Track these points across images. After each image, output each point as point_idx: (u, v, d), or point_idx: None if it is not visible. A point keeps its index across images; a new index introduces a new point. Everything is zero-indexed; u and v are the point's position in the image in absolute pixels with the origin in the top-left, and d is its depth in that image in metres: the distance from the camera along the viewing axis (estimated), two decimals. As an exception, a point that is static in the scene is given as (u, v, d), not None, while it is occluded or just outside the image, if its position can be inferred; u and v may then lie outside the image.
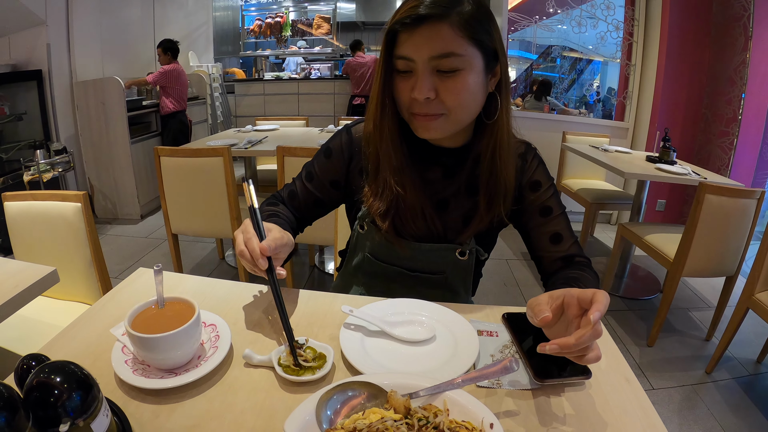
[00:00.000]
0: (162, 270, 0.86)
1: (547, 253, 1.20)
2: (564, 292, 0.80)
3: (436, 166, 1.17)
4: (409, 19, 0.94)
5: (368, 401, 0.71)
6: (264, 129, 4.24)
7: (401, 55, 0.98)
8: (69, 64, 4.66)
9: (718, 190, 2.53)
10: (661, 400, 2.39)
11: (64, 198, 1.80)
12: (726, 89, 4.27)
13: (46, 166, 3.93)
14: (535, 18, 5.12)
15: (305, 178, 1.28)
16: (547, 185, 1.20)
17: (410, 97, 1.01)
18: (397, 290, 1.24)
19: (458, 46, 0.95)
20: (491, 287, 3.55)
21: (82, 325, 0.96)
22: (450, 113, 1.02)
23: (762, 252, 2.32)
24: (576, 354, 0.74)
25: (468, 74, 0.98)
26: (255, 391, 0.80)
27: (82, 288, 1.90)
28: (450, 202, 1.18)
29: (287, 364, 0.83)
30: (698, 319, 3.21)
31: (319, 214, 1.32)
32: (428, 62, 0.96)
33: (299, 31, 8.43)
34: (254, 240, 0.93)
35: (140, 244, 4.26)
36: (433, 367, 0.87)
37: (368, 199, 1.17)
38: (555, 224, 1.19)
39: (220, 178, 2.77)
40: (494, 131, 1.09)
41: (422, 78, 0.97)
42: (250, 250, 0.92)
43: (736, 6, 4.11)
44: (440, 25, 0.94)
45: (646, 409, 0.80)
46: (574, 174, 4.49)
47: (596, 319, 0.71)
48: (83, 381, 0.59)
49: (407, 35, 0.96)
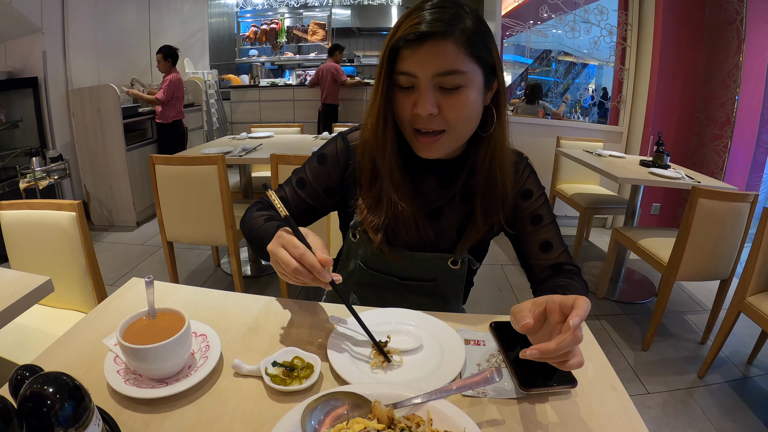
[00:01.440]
0: (153, 281, 0.87)
1: (536, 261, 1.20)
2: (546, 299, 0.80)
3: (431, 176, 1.17)
4: (413, 35, 0.94)
5: (352, 411, 0.71)
6: (259, 136, 4.26)
7: (404, 71, 0.98)
8: (65, 71, 4.67)
9: (711, 194, 2.55)
10: (657, 404, 2.40)
11: (59, 207, 1.81)
12: (719, 92, 4.30)
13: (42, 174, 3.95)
14: (528, 23, 5.13)
15: (296, 185, 1.24)
16: (538, 194, 1.21)
17: (412, 112, 1.00)
18: (388, 298, 1.24)
19: (461, 63, 0.96)
20: (486, 293, 3.56)
21: (75, 335, 0.97)
22: (450, 129, 1.02)
23: (753, 255, 2.33)
24: (557, 359, 0.74)
25: (469, 90, 0.99)
26: (244, 401, 0.81)
27: (78, 296, 1.91)
28: (444, 211, 1.19)
29: (276, 374, 0.84)
30: (693, 322, 3.22)
31: (307, 222, 1.29)
32: (432, 79, 0.96)
33: (294, 38, 8.44)
34: (309, 254, 0.86)
35: (136, 251, 4.26)
36: (419, 376, 0.88)
37: (362, 212, 1.17)
38: (545, 232, 1.19)
39: (214, 186, 2.78)
40: (491, 143, 1.09)
41: (425, 94, 0.97)
42: (309, 266, 0.86)
43: (728, 10, 4.14)
44: (444, 42, 0.94)
45: (633, 418, 0.80)
46: (569, 179, 4.50)
47: (575, 324, 0.72)
48: (75, 391, 0.60)
49: (411, 51, 0.96)
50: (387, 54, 0.99)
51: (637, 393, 2.47)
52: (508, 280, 3.80)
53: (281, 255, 0.88)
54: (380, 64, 1.01)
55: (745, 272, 2.38)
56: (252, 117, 7.63)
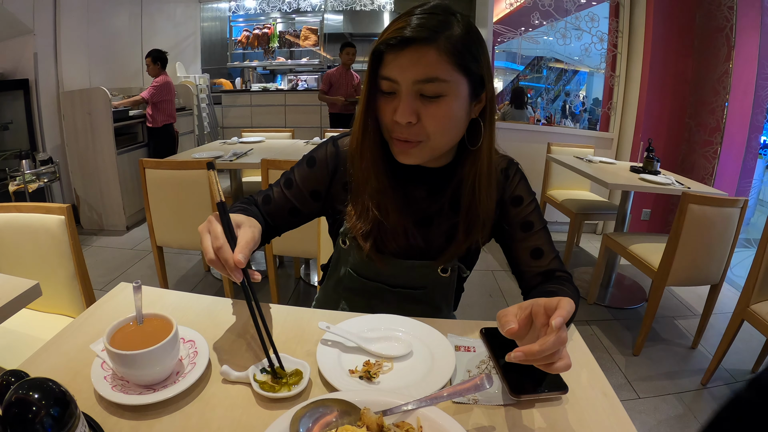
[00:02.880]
0: (141, 286, 0.87)
1: (527, 268, 1.20)
2: (532, 302, 0.80)
3: (420, 185, 1.16)
4: (394, 40, 0.92)
5: (341, 418, 0.71)
6: (250, 141, 4.25)
7: (385, 76, 0.96)
8: (56, 73, 4.66)
9: (701, 200, 2.56)
10: (648, 409, 2.40)
11: (48, 210, 1.79)
12: (709, 99, 4.33)
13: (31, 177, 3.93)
14: (520, 30, 5.16)
15: (284, 185, 1.23)
16: (528, 200, 1.20)
17: (392, 119, 0.99)
18: (378, 305, 1.23)
19: (443, 71, 0.93)
20: (476, 299, 3.56)
21: (62, 340, 0.96)
22: (430, 139, 1.00)
23: (756, 263, 2.33)
24: (543, 362, 0.74)
25: (452, 100, 0.96)
26: (232, 408, 0.80)
27: (66, 301, 1.89)
28: (434, 219, 1.17)
29: (264, 380, 0.84)
30: (684, 327, 3.23)
31: (291, 225, 1.26)
32: (412, 86, 0.94)
33: (287, 43, 8.43)
34: (225, 248, 0.83)
35: (126, 255, 4.23)
36: (409, 382, 0.87)
37: (351, 219, 1.16)
38: (536, 239, 1.19)
39: (205, 190, 2.77)
40: (476, 159, 1.08)
41: (405, 101, 0.96)
42: (222, 260, 0.83)
43: (718, 17, 4.18)
44: (427, 48, 0.92)
45: (624, 423, 0.80)
46: (559, 185, 4.52)
47: (558, 324, 0.72)
48: (60, 398, 0.60)
49: (393, 56, 0.95)
50: (371, 58, 0.98)
51: (628, 398, 2.48)
52: (499, 286, 3.80)
53: (204, 242, 0.86)
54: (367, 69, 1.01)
55: (748, 280, 2.38)
56: (243, 122, 7.63)
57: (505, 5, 5.16)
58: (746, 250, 4.43)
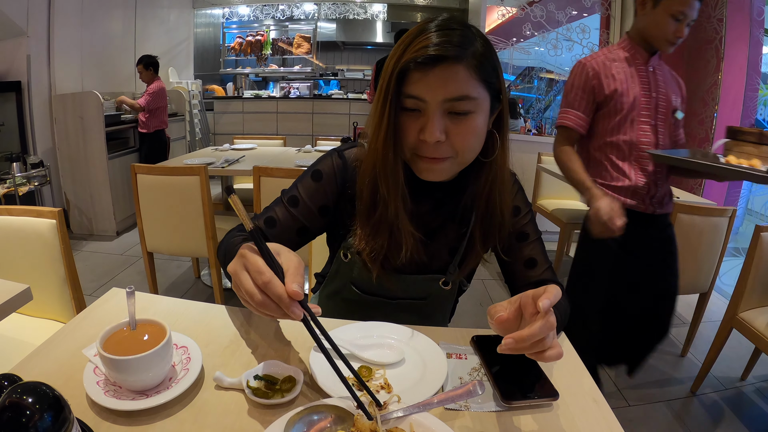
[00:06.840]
0: (134, 292, 0.86)
1: (521, 278, 1.21)
2: (520, 295, 0.80)
3: (426, 199, 1.14)
4: (422, 58, 0.90)
5: (335, 424, 0.71)
6: (242, 148, 4.25)
7: (412, 94, 0.93)
8: (48, 76, 4.64)
9: (690, 209, 2.59)
10: (638, 416, 2.42)
11: (39, 214, 1.78)
12: (698, 110, 4.38)
13: (22, 180, 3.91)
14: (512, 41, 5.19)
15: (288, 202, 1.15)
16: (525, 211, 1.21)
17: (418, 138, 0.96)
18: (375, 316, 1.19)
19: (472, 88, 0.93)
20: (467, 308, 3.56)
21: (54, 344, 0.95)
22: (458, 155, 0.99)
23: (745, 272, 2.35)
24: (534, 349, 0.73)
25: (478, 116, 0.96)
26: (225, 414, 0.80)
27: (56, 306, 1.88)
28: (437, 233, 1.17)
29: (257, 387, 0.84)
30: (673, 335, 3.24)
31: (298, 244, 1.18)
32: (441, 104, 0.93)
33: (279, 50, 8.44)
34: (275, 283, 0.72)
35: (116, 261, 4.20)
36: (401, 389, 0.88)
37: (358, 239, 1.12)
38: (531, 249, 1.19)
39: (196, 197, 2.77)
40: (493, 169, 1.07)
41: (433, 120, 0.93)
42: (275, 297, 0.72)
43: (708, 29, 4.23)
44: (456, 67, 0.91)
45: (614, 430, 0.81)
46: (550, 194, 4.53)
47: (546, 306, 0.72)
48: (54, 402, 0.59)
49: (420, 75, 0.92)
50: (395, 76, 0.94)
51: (618, 406, 2.49)
52: (489, 295, 3.81)
53: (244, 283, 0.74)
54: (386, 87, 0.95)
55: (737, 288, 2.40)
56: (235, 128, 7.62)
57: (497, 16, 5.20)
58: (735, 258, 4.46)
